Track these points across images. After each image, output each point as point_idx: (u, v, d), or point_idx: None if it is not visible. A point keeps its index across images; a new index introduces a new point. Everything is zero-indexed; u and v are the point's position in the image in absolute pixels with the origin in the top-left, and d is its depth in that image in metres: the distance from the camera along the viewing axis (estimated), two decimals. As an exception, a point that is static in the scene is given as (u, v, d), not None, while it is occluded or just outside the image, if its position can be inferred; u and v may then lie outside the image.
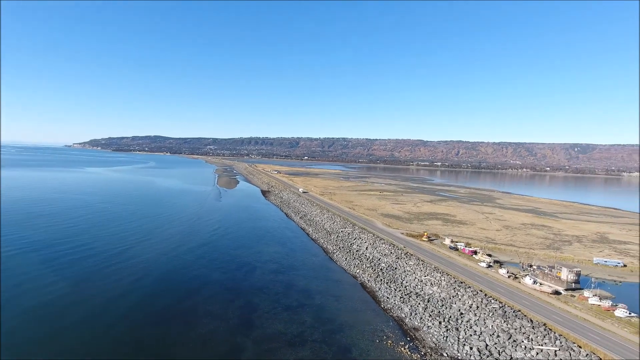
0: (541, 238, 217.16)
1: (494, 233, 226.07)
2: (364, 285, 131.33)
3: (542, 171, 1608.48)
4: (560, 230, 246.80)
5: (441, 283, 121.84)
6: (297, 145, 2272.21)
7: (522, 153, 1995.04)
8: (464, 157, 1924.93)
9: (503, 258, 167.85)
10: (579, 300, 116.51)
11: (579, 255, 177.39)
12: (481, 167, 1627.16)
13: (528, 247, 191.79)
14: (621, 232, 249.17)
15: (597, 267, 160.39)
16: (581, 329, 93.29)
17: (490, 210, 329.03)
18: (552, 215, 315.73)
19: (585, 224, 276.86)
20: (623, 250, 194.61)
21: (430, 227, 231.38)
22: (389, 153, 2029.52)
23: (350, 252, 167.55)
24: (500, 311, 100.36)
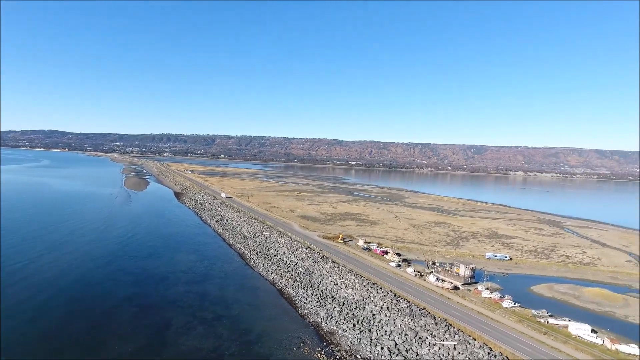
0: (443, 235, 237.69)
1: (402, 232, 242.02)
2: (281, 291, 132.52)
3: (444, 170, 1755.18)
4: (459, 227, 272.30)
5: (355, 285, 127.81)
6: (213, 143, 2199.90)
7: (428, 153, 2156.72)
8: (376, 157, 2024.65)
9: (411, 256, 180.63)
10: (474, 294, 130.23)
11: (474, 251, 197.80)
12: (392, 166, 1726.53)
13: (432, 245, 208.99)
14: (508, 227, 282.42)
15: (489, 261, 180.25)
16: (475, 321, 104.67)
17: (400, 209, 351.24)
18: (452, 213, 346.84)
19: (479, 221, 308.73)
20: (509, 244, 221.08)
21: (346, 228, 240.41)
22: (306, 152, 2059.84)
23: (267, 257, 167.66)
24: (408, 310, 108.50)
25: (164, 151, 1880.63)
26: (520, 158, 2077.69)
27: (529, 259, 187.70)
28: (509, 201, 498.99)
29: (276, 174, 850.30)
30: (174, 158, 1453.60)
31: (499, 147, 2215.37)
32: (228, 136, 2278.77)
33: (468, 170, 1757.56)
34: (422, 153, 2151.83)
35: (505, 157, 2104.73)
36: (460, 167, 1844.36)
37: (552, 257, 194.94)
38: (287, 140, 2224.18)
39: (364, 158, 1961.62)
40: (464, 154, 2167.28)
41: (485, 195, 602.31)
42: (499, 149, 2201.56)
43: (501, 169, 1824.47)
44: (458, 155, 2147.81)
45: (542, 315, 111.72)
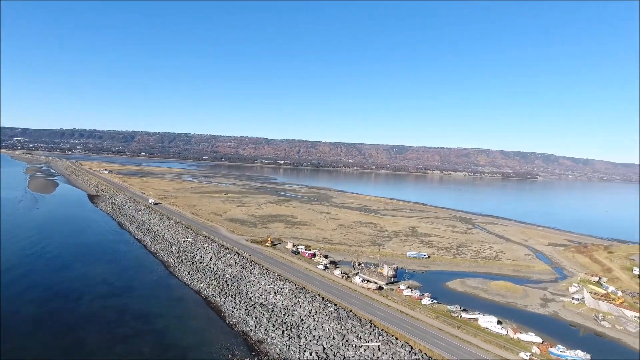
0: (368, 235, 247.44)
1: (330, 233, 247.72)
2: (208, 300, 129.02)
3: (369, 169, 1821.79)
4: (383, 226, 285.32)
5: (284, 291, 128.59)
6: (132, 139, 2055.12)
7: (354, 152, 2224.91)
8: (304, 156, 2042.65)
9: (338, 258, 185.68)
10: (396, 293, 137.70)
11: (397, 250, 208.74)
12: (320, 165, 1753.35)
13: (358, 245, 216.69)
14: (426, 226, 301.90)
15: (409, 259, 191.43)
16: (398, 321, 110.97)
17: (327, 209, 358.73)
18: (377, 213, 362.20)
19: (401, 220, 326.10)
20: (428, 242, 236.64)
21: (274, 231, 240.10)
22: (234, 150, 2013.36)
23: (193, 265, 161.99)
24: (335, 314, 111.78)
25: (76, 148, 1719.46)
26: (437, 158, 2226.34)
27: (444, 256, 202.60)
28: (427, 199, 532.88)
29: (202, 173, 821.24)
30: (88, 156, 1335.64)
31: (419, 148, 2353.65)
32: (149, 133, 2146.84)
33: (391, 169, 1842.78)
34: (349, 152, 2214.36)
35: (424, 156, 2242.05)
36: (384, 166, 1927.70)
37: (465, 254, 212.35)
38: (213, 138, 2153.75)
39: (293, 157, 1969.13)
40: (388, 154, 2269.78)
41: (406, 194, 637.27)
42: (419, 149, 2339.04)
43: (420, 168, 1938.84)
44: (382, 155, 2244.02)
45: (456, 310, 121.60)
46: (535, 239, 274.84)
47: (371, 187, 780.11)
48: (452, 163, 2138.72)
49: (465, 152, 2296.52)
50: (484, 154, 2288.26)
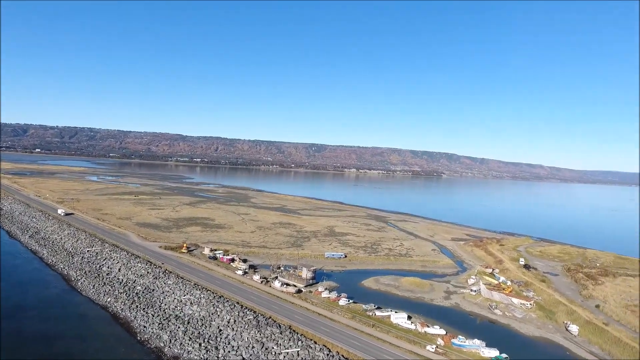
0: (287, 236, 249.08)
1: (249, 235, 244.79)
2: (116, 316, 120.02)
3: (288, 167, 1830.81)
4: (302, 227, 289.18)
5: (201, 301, 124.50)
6: (24, 134, 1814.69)
7: (273, 150, 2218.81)
8: (222, 153, 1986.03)
9: (257, 261, 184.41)
10: (315, 295, 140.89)
11: (315, 251, 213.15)
12: (238, 164, 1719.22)
13: (277, 247, 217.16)
14: (343, 225, 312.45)
15: (328, 260, 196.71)
16: (316, 324, 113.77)
17: (246, 210, 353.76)
18: (296, 213, 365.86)
19: (319, 219, 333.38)
20: (345, 242, 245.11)
21: (190, 235, 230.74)
22: (146, 147, 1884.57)
23: (99, 277, 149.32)
24: (255, 321, 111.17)
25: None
26: (353, 156, 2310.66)
27: (360, 255, 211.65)
28: (344, 198, 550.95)
29: (109, 172, 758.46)
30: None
31: (336, 146, 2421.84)
32: (46, 126, 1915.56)
33: (310, 168, 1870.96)
34: (268, 150, 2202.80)
35: (341, 155, 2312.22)
36: (303, 165, 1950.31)
37: (379, 252, 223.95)
38: (122, 133, 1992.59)
39: (210, 155, 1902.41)
40: (307, 152, 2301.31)
41: (325, 193, 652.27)
42: (336, 147, 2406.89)
43: (338, 166, 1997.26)
44: (301, 153, 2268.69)
45: (371, 309, 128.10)
46: (440, 234, 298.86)
47: (290, 186, 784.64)
48: (367, 162, 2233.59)
49: (380, 152, 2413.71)
50: (396, 153, 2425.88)
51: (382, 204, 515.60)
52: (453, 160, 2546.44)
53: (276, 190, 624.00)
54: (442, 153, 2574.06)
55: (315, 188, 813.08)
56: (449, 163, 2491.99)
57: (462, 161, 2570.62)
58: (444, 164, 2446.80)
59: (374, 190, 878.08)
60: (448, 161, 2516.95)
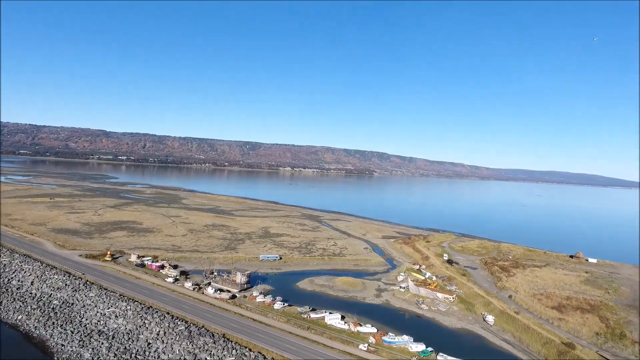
0: (221, 239, 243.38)
1: (180, 239, 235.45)
2: (29, 335, 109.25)
3: (221, 166, 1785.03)
4: (236, 228, 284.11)
5: (127, 313, 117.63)
6: None
7: (206, 148, 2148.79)
8: (151, 151, 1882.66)
9: (189, 267, 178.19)
10: (250, 300, 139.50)
11: (250, 253, 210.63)
12: (168, 162, 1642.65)
13: (210, 251, 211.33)
14: (278, 225, 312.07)
15: (262, 263, 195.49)
16: (251, 330, 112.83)
17: (177, 212, 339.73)
18: (230, 214, 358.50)
19: (254, 220, 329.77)
20: (280, 243, 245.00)
21: (115, 241, 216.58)
22: (63, 143, 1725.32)
23: (8, 292, 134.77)
24: (187, 332, 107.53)
25: None
26: (288, 155, 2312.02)
27: (295, 256, 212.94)
28: (279, 198, 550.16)
29: (19, 172, 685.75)
30: None
31: (271, 145, 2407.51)
32: None
33: (244, 166, 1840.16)
34: (200, 148, 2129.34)
35: (276, 153, 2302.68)
36: (237, 163, 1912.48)
37: (313, 252, 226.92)
38: (34, 128, 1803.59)
39: (137, 152, 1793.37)
40: (241, 150, 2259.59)
41: (259, 192, 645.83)
42: (271, 146, 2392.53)
43: (273, 164, 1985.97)
44: (235, 151, 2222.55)
45: (305, 311, 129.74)
46: (372, 232, 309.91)
47: (224, 186, 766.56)
48: (302, 160, 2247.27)
49: (314, 150, 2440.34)
50: (330, 152, 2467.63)
51: (317, 203, 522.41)
52: (384, 159, 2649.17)
53: (209, 190, 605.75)
54: (374, 152, 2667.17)
55: (250, 187, 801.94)
56: (380, 162, 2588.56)
57: (392, 160, 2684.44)
58: (376, 163, 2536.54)
59: (309, 189, 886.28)
60: (379, 160, 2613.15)
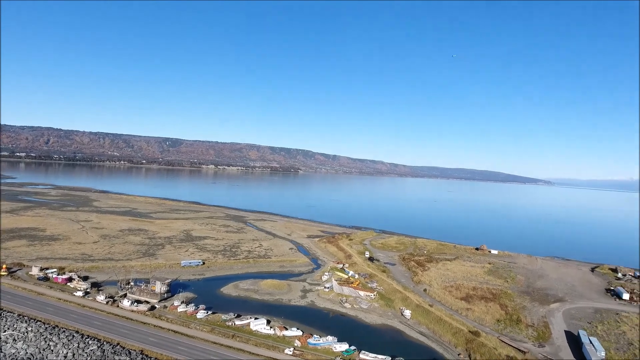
0: (138, 245, 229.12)
1: (91, 247, 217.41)
2: None
3: (138, 163, 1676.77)
4: (155, 232, 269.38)
5: (28, 335, 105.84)
6: None
7: (120, 145, 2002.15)
8: (55, 147, 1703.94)
9: (102, 278, 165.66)
10: (171, 310, 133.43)
11: (170, 259, 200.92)
12: (77, 159, 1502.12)
13: (126, 259, 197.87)
14: (201, 228, 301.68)
15: (184, 269, 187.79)
16: (172, 344, 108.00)
17: (87, 216, 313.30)
18: (148, 216, 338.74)
19: (174, 223, 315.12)
20: (202, 247, 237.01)
21: (12, 252, 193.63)
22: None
23: None
24: (99, 352, 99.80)
25: None
26: (212, 152, 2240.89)
27: (219, 260, 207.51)
28: (202, 198, 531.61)
29: None
30: None
31: (193, 141, 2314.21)
32: None
33: (164, 164, 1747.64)
34: (115, 144, 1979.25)
35: (198, 150, 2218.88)
36: (156, 160, 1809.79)
37: (238, 255, 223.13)
38: None
39: (39, 148, 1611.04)
40: (160, 147, 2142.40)
41: (181, 192, 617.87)
42: (193, 142, 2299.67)
43: (195, 162, 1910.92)
44: (153, 148, 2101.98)
45: (230, 318, 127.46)
46: (297, 232, 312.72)
47: (141, 186, 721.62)
48: (226, 157, 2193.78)
49: (239, 147, 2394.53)
50: (255, 149, 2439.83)
51: (242, 202, 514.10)
52: (309, 157, 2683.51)
53: (124, 190, 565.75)
54: (299, 150, 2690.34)
55: (170, 187, 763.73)
56: (305, 159, 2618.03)
57: (317, 157, 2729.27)
58: (301, 160, 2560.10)
59: (233, 188, 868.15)
60: (304, 157, 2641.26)
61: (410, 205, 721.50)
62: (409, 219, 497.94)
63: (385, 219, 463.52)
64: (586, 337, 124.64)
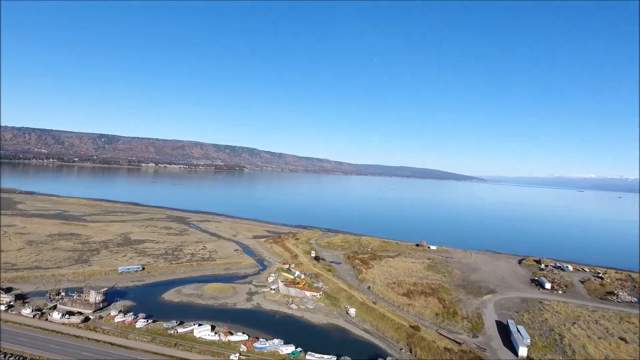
0: (70, 251, 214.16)
1: (15, 255, 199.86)
2: None
3: (70, 162, 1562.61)
4: (89, 237, 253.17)
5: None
6: None
7: (49, 141, 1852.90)
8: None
9: (28, 288, 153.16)
10: (107, 321, 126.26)
11: (107, 266, 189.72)
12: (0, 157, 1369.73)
13: (56, 267, 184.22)
14: (140, 230, 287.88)
15: (122, 275, 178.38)
16: (109, 357, 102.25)
17: (10, 220, 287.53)
18: (81, 219, 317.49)
19: (111, 226, 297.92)
20: (142, 251, 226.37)
21: None
22: None
23: None
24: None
25: None
26: (152, 149, 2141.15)
27: (160, 265, 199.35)
28: (141, 198, 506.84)
29: None
30: None
31: (132, 138, 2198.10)
32: None
33: (99, 162, 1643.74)
34: (42, 140, 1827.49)
35: (137, 148, 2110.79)
36: (89, 158, 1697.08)
37: (180, 258, 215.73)
38: None
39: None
40: (94, 144, 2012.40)
41: (118, 193, 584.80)
42: (131, 139, 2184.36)
43: (134, 160, 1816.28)
44: (87, 145, 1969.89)
45: (172, 326, 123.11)
46: (243, 233, 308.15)
47: (73, 186, 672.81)
48: (167, 155, 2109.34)
49: (181, 145, 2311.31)
50: (198, 146, 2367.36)
51: (184, 203, 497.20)
52: (254, 155, 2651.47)
53: (54, 191, 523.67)
54: (244, 147, 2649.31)
55: (106, 187, 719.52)
56: (251, 157, 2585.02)
57: (263, 156, 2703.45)
58: (246, 158, 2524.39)
59: (175, 187, 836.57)
60: (250, 155, 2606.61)
61: (355, 203, 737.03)
62: (354, 216, 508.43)
63: (331, 217, 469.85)
64: (514, 325, 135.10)
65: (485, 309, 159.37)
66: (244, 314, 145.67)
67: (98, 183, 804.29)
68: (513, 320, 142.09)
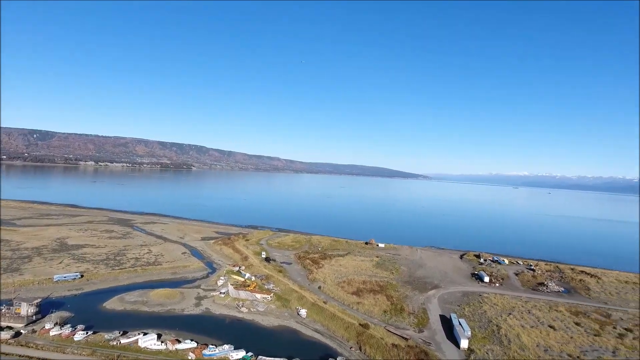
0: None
1: None
2: None
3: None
4: (20, 243, 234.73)
5: None
6: None
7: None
8: None
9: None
10: (41, 335, 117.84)
11: (40, 274, 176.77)
12: None
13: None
14: (79, 234, 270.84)
15: (58, 284, 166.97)
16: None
17: None
18: (9, 223, 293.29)
19: (45, 230, 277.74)
20: (81, 256, 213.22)
21: None
22: None
23: None
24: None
25: None
26: (91, 147, 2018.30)
27: (101, 271, 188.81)
28: (80, 200, 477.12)
29: None
30: None
31: (68, 134, 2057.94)
32: None
33: (31, 160, 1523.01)
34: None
35: (75, 145, 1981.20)
36: (20, 156, 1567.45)
37: (123, 263, 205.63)
38: None
39: None
40: (25, 140, 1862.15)
41: (53, 193, 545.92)
42: (68, 135, 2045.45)
43: (71, 158, 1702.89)
44: (17, 141, 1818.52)
45: (115, 337, 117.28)
46: (190, 234, 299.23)
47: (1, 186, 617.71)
48: (108, 153, 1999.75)
49: (123, 142, 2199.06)
50: (142, 144, 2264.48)
51: (128, 204, 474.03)
52: (202, 153, 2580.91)
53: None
54: (192, 145, 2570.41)
55: (39, 187, 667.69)
56: (199, 155, 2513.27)
57: (211, 154, 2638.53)
58: (194, 156, 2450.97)
59: (118, 187, 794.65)
60: (198, 153, 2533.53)
61: (306, 201, 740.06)
62: (305, 216, 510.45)
63: (282, 216, 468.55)
64: (456, 319, 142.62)
65: (430, 304, 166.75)
66: (192, 320, 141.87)
67: (30, 183, 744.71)
68: (455, 314, 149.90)
